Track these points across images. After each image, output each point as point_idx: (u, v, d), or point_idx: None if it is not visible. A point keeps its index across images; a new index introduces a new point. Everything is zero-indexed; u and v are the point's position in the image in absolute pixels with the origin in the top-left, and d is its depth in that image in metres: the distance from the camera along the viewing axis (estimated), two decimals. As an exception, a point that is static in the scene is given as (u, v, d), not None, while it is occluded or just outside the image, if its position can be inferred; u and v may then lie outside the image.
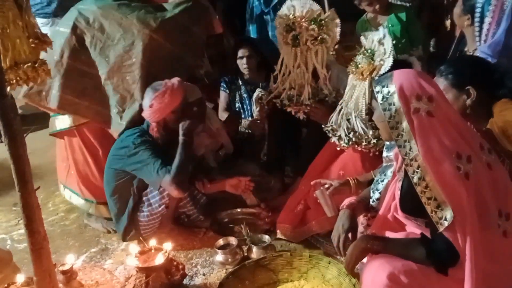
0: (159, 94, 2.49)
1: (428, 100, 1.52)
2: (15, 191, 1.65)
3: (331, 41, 2.71)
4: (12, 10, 1.54)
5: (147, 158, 2.45)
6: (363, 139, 2.42)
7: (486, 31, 2.24)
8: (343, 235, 1.93)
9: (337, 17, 2.71)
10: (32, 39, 1.61)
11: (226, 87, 3.57)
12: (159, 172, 2.40)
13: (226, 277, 2.21)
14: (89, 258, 2.62)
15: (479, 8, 2.26)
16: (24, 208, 1.66)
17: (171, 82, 2.54)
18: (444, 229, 1.49)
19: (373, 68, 2.34)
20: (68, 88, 2.66)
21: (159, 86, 2.52)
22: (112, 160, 2.62)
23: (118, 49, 2.65)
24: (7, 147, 1.60)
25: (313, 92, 2.77)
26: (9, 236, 2.89)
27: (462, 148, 1.51)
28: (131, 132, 2.59)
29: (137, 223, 2.61)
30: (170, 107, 2.52)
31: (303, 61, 2.73)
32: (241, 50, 3.36)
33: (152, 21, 2.66)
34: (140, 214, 2.58)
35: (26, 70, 1.58)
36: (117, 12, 2.69)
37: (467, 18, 2.35)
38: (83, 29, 2.68)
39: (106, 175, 2.66)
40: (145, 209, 2.57)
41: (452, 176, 1.48)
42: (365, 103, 2.39)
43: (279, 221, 2.69)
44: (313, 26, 2.64)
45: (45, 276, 1.75)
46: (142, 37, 2.62)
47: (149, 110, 2.52)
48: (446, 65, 1.90)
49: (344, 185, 2.31)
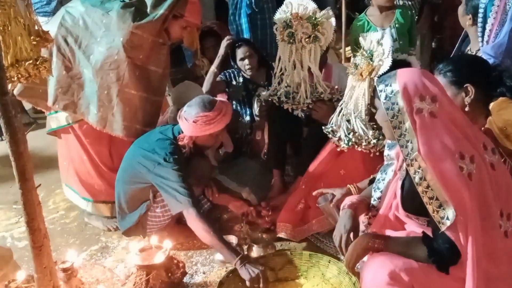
0: (209, 115, 2.41)
1: (431, 101, 1.51)
2: (15, 189, 1.65)
3: (325, 40, 2.73)
4: (13, 7, 1.54)
5: (175, 181, 2.33)
6: (363, 139, 2.42)
7: (488, 32, 2.23)
8: (345, 235, 1.93)
9: (332, 17, 2.72)
10: (34, 37, 1.61)
11: (225, 77, 3.48)
12: (186, 201, 2.30)
13: (226, 275, 2.21)
14: (90, 256, 2.62)
15: (482, 8, 2.25)
16: (25, 206, 1.66)
17: (223, 105, 2.47)
18: (446, 228, 1.49)
19: (372, 68, 2.34)
20: (59, 86, 2.66)
21: (209, 105, 2.44)
22: (136, 162, 2.49)
23: (101, 47, 2.61)
24: (8, 144, 1.60)
25: (310, 90, 2.77)
26: (10, 234, 2.89)
27: (465, 149, 1.51)
28: (163, 142, 2.46)
29: (145, 222, 2.58)
30: (213, 130, 2.46)
31: (298, 58, 2.74)
32: (240, 50, 3.33)
33: (130, 16, 2.58)
34: (151, 213, 2.55)
35: (27, 68, 1.58)
36: (99, 9, 2.66)
37: (469, 18, 2.35)
38: (69, 27, 2.66)
39: (124, 173, 2.57)
40: (158, 210, 2.53)
41: (454, 176, 1.47)
42: (364, 103, 2.40)
43: (280, 220, 2.69)
44: (307, 24, 2.66)
45: (45, 274, 1.75)
46: (122, 32, 2.56)
47: (192, 124, 2.42)
48: (444, 63, 1.90)
49: (346, 195, 2.30)
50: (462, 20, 2.44)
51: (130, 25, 2.55)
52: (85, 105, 2.68)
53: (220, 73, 3.40)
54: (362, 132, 2.42)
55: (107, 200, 2.83)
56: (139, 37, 2.58)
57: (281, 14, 2.76)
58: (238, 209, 2.80)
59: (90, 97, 2.65)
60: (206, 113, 2.41)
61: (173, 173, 2.35)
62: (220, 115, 2.44)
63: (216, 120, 2.44)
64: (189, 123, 2.44)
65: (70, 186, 2.95)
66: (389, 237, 1.75)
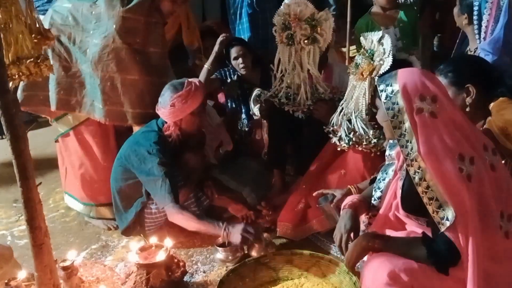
0: (182, 94, 2.46)
1: (432, 101, 1.51)
2: (15, 187, 1.65)
3: (324, 42, 2.73)
4: (14, 5, 1.54)
5: (158, 175, 2.40)
6: (364, 139, 2.42)
7: (485, 29, 2.26)
8: (345, 235, 1.93)
9: (331, 18, 2.72)
10: (35, 34, 1.61)
11: (220, 75, 3.49)
12: (165, 198, 2.38)
13: (227, 274, 2.21)
14: (90, 255, 2.63)
15: (476, 6, 2.28)
16: (26, 204, 1.66)
17: (192, 82, 2.50)
18: (445, 229, 1.49)
19: (372, 68, 2.34)
20: (61, 88, 2.65)
21: (180, 86, 2.49)
22: (124, 158, 2.57)
23: (96, 39, 2.58)
24: (9, 143, 1.60)
25: (310, 91, 2.77)
26: (10, 232, 2.89)
27: (465, 150, 1.50)
28: (147, 133, 2.53)
29: (142, 220, 2.60)
30: (191, 107, 2.50)
31: (298, 60, 2.75)
32: (234, 50, 3.33)
33: (118, 1, 2.55)
34: (147, 211, 2.58)
35: (28, 66, 1.58)
36: (85, 1, 2.64)
37: (465, 17, 2.38)
38: (59, 26, 2.64)
39: (115, 171, 2.63)
40: (153, 206, 2.56)
41: (454, 177, 1.47)
42: (365, 103, 2.39)
43: (280, 220, 2.69)
44: (306, 26, 2.66)
45: (46, 272, 1.75)
46: (113, 20, 2.54)
47: (169, 109, 2.47)
48: (445, 64, 1.90)
49: (346, 196, 2.30)
50: (459, 21, 2.47)
51: (120, 10, 2.52)
52: (89, 102, 2.66)
53: (215, 71, 3.40)
54: (363, 131, 2.41)
55: (108, 202, 2.82)
56: (131, 21, 2.55)
57: (280, 15, 2.76)
58: (238, 212, 2.82)
59: (93, 94, 2.64)
60: (179, 93, 2.47)
61: (156, 169, 2.41)
62: (193, 90, 2.48)
63: (190, 96, 2.48)
64: (168, 109, 2.48)
65: (68, 192, 2.95)
66: (389, 237, 1.75)
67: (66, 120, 2.78)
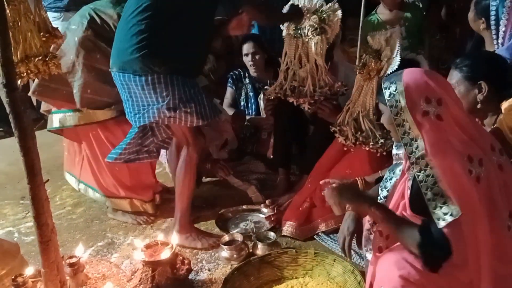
0: None
1: (437, 103, 1.50)
2: (22, 184, 1.67)
3: (331, 32, 2.69)
4: (23, 3, 1.56)
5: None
6: (371, 139, 2.41)
7: (502, 34, 2.19)
8: (348, 238, 1.92)
9: (339, 9, 2.69)
10: (43, 33, 1.62)
11: (233, 83, 3.55)
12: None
13: (231, 273, 2.21)
14: (96, 252, 2.64)
15: (493, 11, 2.21)
16: (33, 201, 1.67)
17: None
18: (445, 225, 1.47)
19: (380, 67, 2.33)
20: (87, 87, 2.65)
21: None
22: None
23: None
24: (17, 140, 1.61)
25: (314, 83, 2.75)
26: (17, 229, 2.91)
27: (473, 151, 1.49)
28: None
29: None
30: None
31: (304, 52, 2.71)
32: (245, 46, 3.32)
33: None
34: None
35: (37, 64, 1.60)
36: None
37: (482, 22, 2.31)
38: (97, 29, 2.62)
39: None
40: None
41: (463, 178, 1.46)
42: (372, 102, 2.39)
43: (285, 218, 2.70)
44: (314, 17, 2.64)
45: (52, 268, 1.76)
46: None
47: None
48: (462, 58, 1.87)
49: None
50: (475, 26, 2.38)
51: None
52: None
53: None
54: (370, 131, 2.41)
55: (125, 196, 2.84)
56: None
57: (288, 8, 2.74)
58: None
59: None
60: None
61: None
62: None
63: None
64: None
65: (84, 181, 2.93)
66: (390, 211, 1.69)
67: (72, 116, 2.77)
